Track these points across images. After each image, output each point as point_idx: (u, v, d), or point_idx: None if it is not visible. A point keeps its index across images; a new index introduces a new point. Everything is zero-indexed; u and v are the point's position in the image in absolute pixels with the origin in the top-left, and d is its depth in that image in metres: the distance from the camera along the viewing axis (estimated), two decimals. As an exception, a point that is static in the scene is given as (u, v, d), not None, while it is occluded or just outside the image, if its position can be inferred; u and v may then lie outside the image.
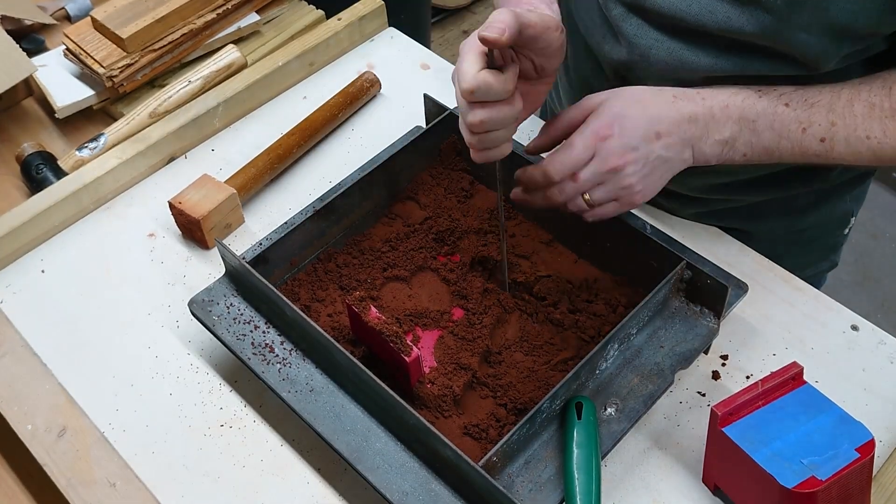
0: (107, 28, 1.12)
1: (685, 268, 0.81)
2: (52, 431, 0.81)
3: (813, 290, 0.91)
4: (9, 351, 0.87)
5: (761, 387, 0.71)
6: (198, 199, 0.94)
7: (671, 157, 0.80)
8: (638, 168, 0.79)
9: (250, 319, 0.83)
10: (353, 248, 0.92)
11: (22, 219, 0.95)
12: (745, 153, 0.82)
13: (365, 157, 0.99)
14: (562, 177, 0.78)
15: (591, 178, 0.78)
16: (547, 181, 0.79)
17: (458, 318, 0.87)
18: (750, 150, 0.82)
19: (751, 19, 0.78)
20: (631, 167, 0.78)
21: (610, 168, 0.78)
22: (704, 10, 0.80)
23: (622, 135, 0.78)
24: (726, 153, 0.82)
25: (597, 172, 0.78)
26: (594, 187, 0.79)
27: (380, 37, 1.20)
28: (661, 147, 0.79)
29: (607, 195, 0.79)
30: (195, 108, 1.06)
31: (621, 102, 0.80)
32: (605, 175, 0.78)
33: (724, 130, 0.81)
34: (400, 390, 0.74)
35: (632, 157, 0.78)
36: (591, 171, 0.78)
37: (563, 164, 0.78)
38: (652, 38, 0.85)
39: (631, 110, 0.79)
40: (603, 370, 0.79)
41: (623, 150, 0.78)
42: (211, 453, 0.80)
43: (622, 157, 0.78)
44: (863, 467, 0.68)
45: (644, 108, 0.80)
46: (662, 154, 0.80)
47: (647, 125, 0.79)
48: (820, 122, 0.80)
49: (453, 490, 0.72)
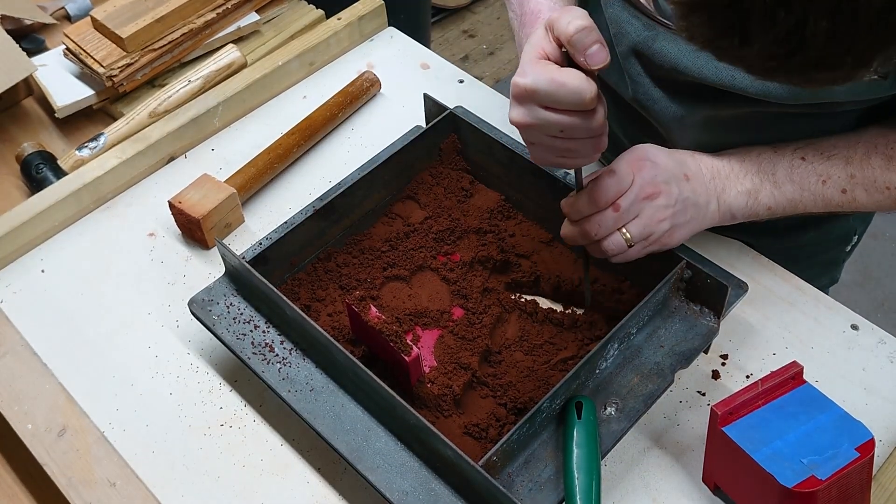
0: (107, 28, 1.12)
1: (685, 267, 0.81)
2: (52, 431, 0.81)
3: (813, 289, 0.91)
4: (9, 351, 0.87)
5: (761, 386, 0.71)
6: (198, 199, 0.94)
7: (699, 203, 0.80)
8: (671, 202, 0.78)
9: (250, 319, 0.83)
10: (353, 247, 0.92)
11: (22, 219, 0.95)
12: (770, 206, 0.82)
13: (365, 156, 0.99)
14: (606, 203, 0.77)
15: (629, 206, 0.77)
16: (591, 208, 0.77)
17: (458, 317, 0.87)
18: (774, 203, 0.82)
19: (756, 83, 0.78)
20: (664, 198, 0.77)
21: (646, 195, 0.77)
22: (709, 66, 0.80)
23: (655, 168, 0.78)
24: (751, 205, 0.82)
25: (635, 201, 0.77)
26: (631, 221, 0.77)
27: (379, 36, 1.20)
28: (690, 189, 0.79)
29: (643, 231, 0.77)
30: (195, 108, 1.06)
31: (646, 147, 0.80)
32: (641, 204, 0.77)
33: (745, 182, 0.81)
34: (400, 390, 0.74)
35: (665, 189, 0.78)
36: (629, 199, 0.77)
37: (609, 189, 0.76)
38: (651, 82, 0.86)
39: (658, 153, 0.80)
40: (603, 370, 0.79)
41: (657, 180, 0.78)
42: (211, 453, 0.80)
43: (656, 186, 0.77)
44: (863, 467, 0.68)
45: (669, 154, 0.80)
46: (691, 197, 0.79)
47: (675, 166, 0.79)
48: (839, 175, 0.81)
49: (453, 490, 0.72)
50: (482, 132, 0.94)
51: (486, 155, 0.95)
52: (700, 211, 0.80)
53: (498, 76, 2.78)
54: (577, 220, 0.79)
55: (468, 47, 2.86)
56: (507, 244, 0.92)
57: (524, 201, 0.94)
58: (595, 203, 0.77)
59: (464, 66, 2.73)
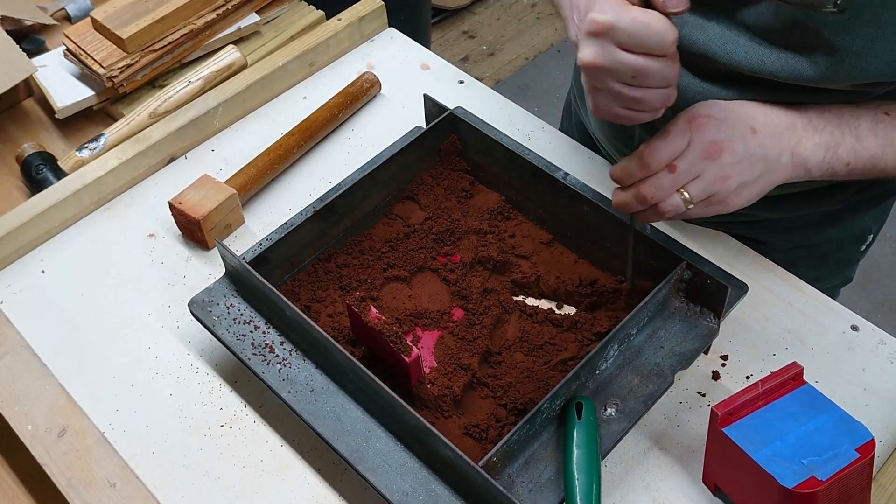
0: (107, 28, 1.12)
1: (685, 268, 0.81)
2: (52, 431, 0.81)
3: (813, 290, 0.91)
4: (9, 351, 0.87)
5: (761, 387, 0.71)
6: (198, 200, 0.94)
7: (770, 157, 0.74)
8: (736, 160, 0.73)
9: (250, 320, 0.83)
10: (353, 248, 0.92)
11: (22, 219, 0.95)
12: (849, 162, 0.77)
13: (365, 157, 0.99)
14: (659, 165, 0.72)
15: (688, 167, 0.72)
16: (644, 171, 0.73)
17: (458, 318, 0.87)
18: (854, 158, 0.77)
19: (786, 66, 0.75)
20: (728, 156, 0.73)
21: (707, 154, 0.72)
22: (739, 51, 0.77)
23: (719, 124, 0.74)
24: (829, 160, 0.77)
25: (694, 161, 0.72)
26: (691, 181, 0.73)
27: (380, 37, 1.20)
28: (758, 143, 0.74)
29: (704, 190, 0.73)
30: (195, 109, 1.06)
31: (707, 103, 0.75)
32: (702, 164, 0.73)
33: (824, 134, 0.77)
34: (400, 390, 0.74)
35: (728, 146, 0.73)
36: (688, 160, 0.72)
37: (661, 150, 0.72)
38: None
39: (720, 107, 0.75)
40: (603, 370, 0.79)
41: (719, 137, 0.73)
42: (211, 453, 0.80)
43: (718, 144, 0.72)
44: (863, 467, 0.68)
45: (734, 107, 0.76)
46: (760, 151, 0.74)
47: (741, 120, 0.75)
48: None
49: (453, 490, 0.72)
50: (482, 133, 0.94)
51: (486, 156, 0.95)
52: (770, 165, 0.75)
53: (498, 77, 2.78)
54: (630, 184, 0.74)
55: (468, 48, 2.86)
56: (507, 245, 0.92)
57: (524, 202, 0.94)
58: (646, 166, 0.73)
59: (464, 66, 2.73)
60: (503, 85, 2.75)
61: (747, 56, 0.77)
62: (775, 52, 0.76)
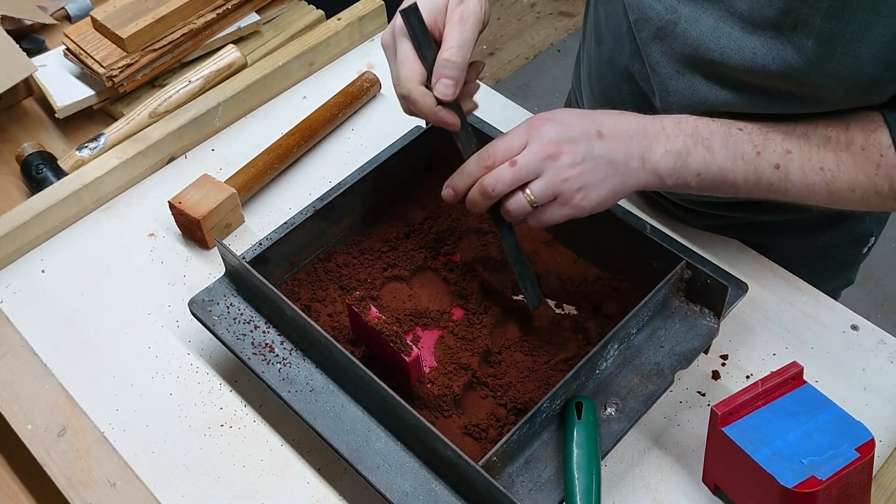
0: (107, 28, 1.12)
1: (685, 267, 0.81)
2: (52, 431, 0.81)
3: (813, 289, 0.91)
4: (9, 351, 0.87)
5: (761, 386, 0.71)
6: (198, 199, 0.94)
7: (616, 161, 0.77)
8: (577, 161, 0.75)
9: (250, 319, 0.83)
10: (353, 248, 0.92)
11: (22, 219, 0.95)
12: (699, 172, 0.79)
13: (365, 157, 0.99)
14: (494, 159, 0.76)
15: (527, 163, 0.75)
16: (480, 167, 0.77)
17: (458, 318, 0.87)
18: (704, 169, 0.79)
19: (777, 58, 0.75)
20: (568, 157, 0.75)
21: (545, 155, 0.75)
22: (733, 44, 0.78)
23: (558, 127, 0.76)
24: (679, 168, 0.78)
25: (533, 159, 0.75)
26: (533, 180, 0.75)
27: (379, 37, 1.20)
28: (604, 147, 0.77)
29: (546, 189, 0.75)
30: (195, 108, 1.06)
31: (554, 111, 0.79)
32: (542, 163, 0.75)
33: (676, 142, 0.78)
34: (400, 390, 0.74)
35: (568, 148, 0.75)
36: (527, 157, 0.75)
37: (496, 147, 0.76)
38: (673, 68, 0.84)
39: (565, 113, 0.78)
40: (603, 370, 0.79)
41: (559, 139, 0.75)
42: (211, 453, 0.80)
43: (557, 145, 0.75)
44: (863, 467, 0.68)
45: (582, 114, 0.79)
46: (605, 154, 0.76)
47: (587, 124, 0.77)
48: (775, 148, 0.78)
49: (453, 490, 0.72)
50: (482, 133, 0.94)
51: (487, 155, 0.95)
52: (617, 169, 0.77)
53: (498, 76, 2.78)
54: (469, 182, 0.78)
55: (468, 48, 2.85)
56: (507, 244, 0.92)
57: (524, 201, 0.94)
58: (482, 161, 0.77)
59: (464, 66, 2.73)
60: (503, 85, 2.75)
61: (740, 50, 0.78)
62: (767, 43, 0.76)
